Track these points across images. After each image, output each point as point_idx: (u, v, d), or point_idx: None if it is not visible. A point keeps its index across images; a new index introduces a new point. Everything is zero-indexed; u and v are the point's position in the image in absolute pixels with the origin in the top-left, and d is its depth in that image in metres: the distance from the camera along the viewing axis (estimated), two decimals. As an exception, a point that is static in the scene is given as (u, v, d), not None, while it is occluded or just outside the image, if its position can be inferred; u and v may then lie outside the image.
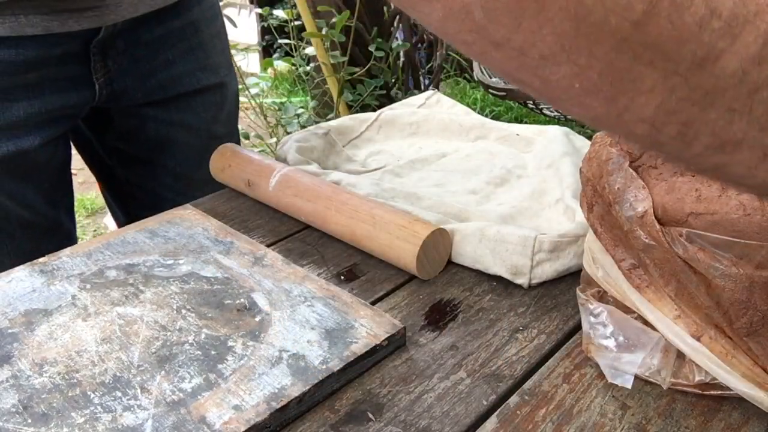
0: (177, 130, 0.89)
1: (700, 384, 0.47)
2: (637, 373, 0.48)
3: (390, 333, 0.51)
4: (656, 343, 0.48)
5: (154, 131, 0.88)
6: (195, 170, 0.91)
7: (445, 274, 0.62)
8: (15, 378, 0.47)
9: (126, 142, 0.89)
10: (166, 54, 0.84)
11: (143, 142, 0.89)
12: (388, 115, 0.92)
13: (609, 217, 0.49)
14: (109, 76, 0.80)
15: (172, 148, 0.90)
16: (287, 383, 0.46)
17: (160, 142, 0.89)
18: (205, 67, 0.88)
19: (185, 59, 0.86)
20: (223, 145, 0.80)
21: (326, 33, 1.80)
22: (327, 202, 0.66)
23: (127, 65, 0.81)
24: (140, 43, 0.81)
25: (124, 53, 0.80)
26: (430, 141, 0.89)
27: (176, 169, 0.91)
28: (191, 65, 0.86)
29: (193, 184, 0.91)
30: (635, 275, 0.48)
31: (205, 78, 0.88)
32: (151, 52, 0.82)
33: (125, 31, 0.78)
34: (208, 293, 0.56)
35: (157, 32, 0.82)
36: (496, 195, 0.75)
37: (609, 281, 0.50)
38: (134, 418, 0.44)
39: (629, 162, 0.47)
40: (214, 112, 0.91)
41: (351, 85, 1.98)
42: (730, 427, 0.45)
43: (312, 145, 0.82)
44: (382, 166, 0.82)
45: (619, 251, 0.49)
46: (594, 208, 0.50)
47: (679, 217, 0.44)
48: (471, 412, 0.46)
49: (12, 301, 0.55)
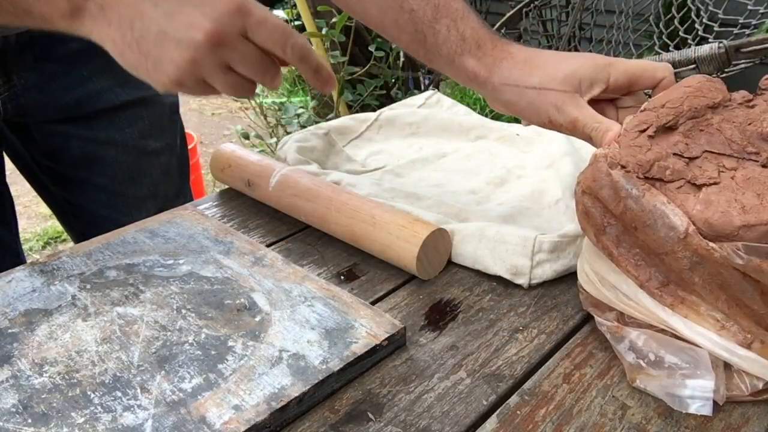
0: (103, 148, 0.86)
1: (754, 392, 0.46)
2: (714, 398, 0.46)
3: (390, 333, 0.51)
4: (706, 361, 0.46)
5: (80, 149, 0.85)
6: (128, 187, 0.89)
7: (445, 274, 0.62)
8: (15, 378, 0.47)
9: (54, 160, 0.87)
10: (81, 70, 0.81)
11: (70, 161, 0.86)
12: (388, 115, 0.92)
13: (629, 239, 0.48)
14: (13, 91, 0.77)
15: (101, 165, 0.87)
16: (287, 383, 0.46)
17: (88, 160, 0.86)
18: (125, 82, 0.84)
19: (102, 75, 0.82)
20: (222, 145, 0.80)
21: (326, 33, 1.80)
22: (327, 202, 0.66)
23: (36, 80, 0.78)
24: (51, 58, 0.78)
25: (33, 68, 0.77)
26: (430, 141, 0.89)
27: (108, 187, 0.88)
28: (109, 81, 0.83)
29: (129, 201, 0.89)
30: (666, 293, 0.47)
31: (124, 93, 0.84)
32: (65, 67, 0.79)
33: (35, 45, 0.76)
34: (208, 293, 0.56)
35: (70, 47, 0.79)
36: (496, 195, 0.75)
37: (628, 302, 0.49)
38: (134, 418, 0.44)
39: (643, 180, 0.46)
40: (140, 127, 0.88)
41: (351, 85, 1.98)
42: (730, 427, 0.45)
43: (312, 145, 0.82)
44: (382, 166, 0.82)
45: (642, 271, 0.48)
46: (607, 231, 0.49)
47: (728, 231, 0.43)
48: (471, 412, 0.46)
49: (12, 301, 0.55)
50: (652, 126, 0.49)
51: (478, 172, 0.79)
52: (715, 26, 1.03)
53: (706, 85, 0.53)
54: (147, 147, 0.89)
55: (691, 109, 0.50)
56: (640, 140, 0.48)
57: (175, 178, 0.94)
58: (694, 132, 0.50)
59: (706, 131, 0.50)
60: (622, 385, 0.49)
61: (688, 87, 0.53)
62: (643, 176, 0.46)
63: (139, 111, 0.87)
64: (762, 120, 0.50)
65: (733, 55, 0.66)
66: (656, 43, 1.10)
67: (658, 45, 1.10)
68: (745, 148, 0.48)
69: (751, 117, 0.51)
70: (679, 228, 0.44)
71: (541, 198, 0.73)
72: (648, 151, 0.47)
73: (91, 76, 0.82)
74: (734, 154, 0.48)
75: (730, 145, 0.49)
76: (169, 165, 0.93)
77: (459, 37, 0.61)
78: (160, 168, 0.91)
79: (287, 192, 0.70)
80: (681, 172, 0.46)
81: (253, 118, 2.37)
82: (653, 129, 0.49)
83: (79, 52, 0.79)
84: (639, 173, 0.46)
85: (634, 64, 0.58)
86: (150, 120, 0.89)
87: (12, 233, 0.87)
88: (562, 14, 1.23)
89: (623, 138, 0.49)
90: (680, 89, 0.52)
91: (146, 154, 0.89)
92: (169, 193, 0.93)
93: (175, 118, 0.94)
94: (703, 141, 0.49)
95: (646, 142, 0.48)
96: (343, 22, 1.70)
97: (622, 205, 0.47)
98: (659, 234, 0.45)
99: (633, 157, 0.47)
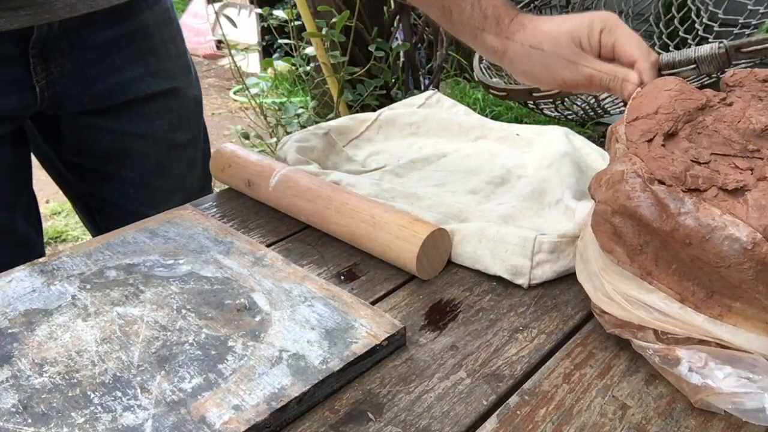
0: (132, 140, 0.87)
1: None
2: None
3: (390, 333, 0.51)
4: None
5: (108, 142, 0.86)
6: (157, 179, 0.89)
7: (445, 274, 0.62)
8: (15, 378, 0.47)
9: (81, 155, 0.87)
10: (114, 58, 0.81)
11: (99, 155, 0.87)
12: (388, 115, 0.92)
13: (668, 255, 0.47)
14: (50, 78, 0.78)
15: (129, 158, 0.88)
16: (287, 383, 0.46)
17: (116, 154, 0.87)
18: (156, 72, 0.85)
19: (134, 64, 0.83)
20: (223, 145, 0.80)
21: (326, 33, 1.80)
22: (327, 202, 0.66)
23: (71, 68, 0.79)
24: (86, 46, 0.79)
25: (69, 56, 0.78)
26: (430, 141, 0.89)
27: (136, 180, 0.89)
28: (141, 70, 0.84)
29: (157, 194, 0.89)
30: (713, 304, 0.46)
31: (155, 84, 0.85)
32: (98, 56, 0.80)
33: (70, 32, 0.76)
34: (208, 293, 0.56)
35: (104, 36, 0.80)
36: (496, 195, 0.75)
37: (665, 319, 0.48)
38: (134, 418, 0.44)
39: (687, 193, 0.45)
40: (170, 119, 0.89)
41: (351, 85, 1.98)
42: (730, 427, 0.45)
43: (312, 145, 0.82)
44: (382, 166, 0.82)
45: (684, 286, 0.47)
46: (644, 250, 0.47)
47: None
48: (471, 412, 0.46)
49: (12, 301, 0.55)
50: (658, 134, 0.48)
51: (478, 172, 0.79)
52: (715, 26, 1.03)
53: (684, 86, 0.53)
54: (175, 139, 0.90)
55: (686, 112, 0.50)
56: (659, 151, 0.47)
57: (200, 172, 0.95)
58: (694, 135, 0.49)
59: (704, 133, 0.49)
60: (622, 385, 0.49)
61: (669, 90, 0.52)
62: (686, 189, 0.45)
63: (169, 103, 0.88)
64: (749, 117, 0.50)
65: (733, 55, 0.66)
66: (656, 43, 1.10)
67: (658, 45, 1.10)
68: (746, 147, 0.48)
69: (737, 115, 0.50)
70: (744, 239, 0.42)
71: (541, 198, 0.73)
72: (674, 161, 0.46)
73: (123, 65, 0.82)
74: (738, 154, 0.48)
75: (732, 145, 0.48)
76: (194, 158, 0.94)
77: (481, 15, 0.66)
78: (186, 161, 0.93)
79: (287, 192, 0.70)
80: (711, 179, 0.45)
81: (253, 118, 2.37)
82: (661, 137, 0.48)
83: (112, 40, 0.81)
84: (679, 186, 0.45)
85: (625, 44, 0.60)
86: (178, 112, 0.90)
87: (37, 233, 0.88)
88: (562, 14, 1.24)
89: (639, 150, 0.48)
90: (663, 93, 0.52)
91: (174, 146, 0.89)
92: (194, 186, 0.94)
93: (200, 111, 0.95)
94: (706, 144, 0.48)
95: (666, 153, 0.47)
96: (343, 22, 1.70)
97: (672, 222, 0.45)
98: (720, 247, 0.43)
99: (665, 170, 0.45)
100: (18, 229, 0.82)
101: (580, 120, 0.93)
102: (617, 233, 0.48)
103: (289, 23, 2.00)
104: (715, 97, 0.53)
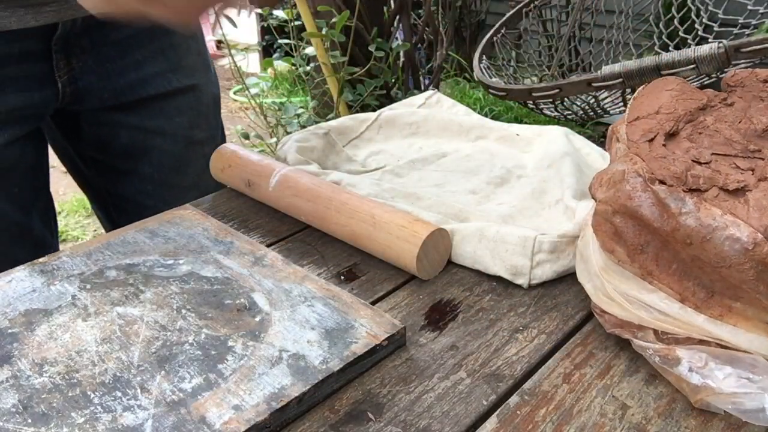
0: (151, 137, 0.87)
1: None
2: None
3: (390, 333, 0.51)
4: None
5: (128, 138, 0.86)
6: (174, 176, 0.90)
7: (445, 274, 0.62)
8: (15, 378, 0.47)
9: (100, 151, 0.88)
10: (135, 54, 0.82)
11: (118, 151, 0.87)
12: (388, 115, 0.92)
13: (668, 255, 0.47)
14: (72, 74, 0.78)
15: (148, 155, 0.88)
16: (287, 383, 0.46)
17: (135, 150, 0.87)
18: (177, 69, 0.86)
19: (155, 60, 0.84)
20: (222, 145, 0.80)
21: (326, 33, 1.80)
22: (327, 202, 0.66)
23: (92, 64, 0.79)
24: (108, 41, 0.79)
25: (90, 51, 0.78)
26: (430, 141, 0.89)
27: (154, 177, 0.89)
28: (162, 66, 0.84)
29: (174, 190, 0.90)
30: (713, 304, 0.46)
31: (176, 80, 0.86)
32: (120, 52, 0.81)
33: (91, 28, 0.77)
34: (208, 293, 0.56)
35: (125, 32, 0.80)
36: (496, 195, 0.75)
37: (665, 319, 0.48)
38: (134, 418, 0.44)
39: (688, 192, 0.45)
40: (189, 116, 0.89)
41: (351, 85, 1.98)
42: (730, 427, 0.45)
43: (312, 145, 0.82)
44: (382, 166, 0.82)
45: (684, 286, 0.47)
46: (645, 250, 0.47)
47: None
48: (471, 412, 0.46)
49: (12, 301, 0.55)
50: (659, 134, 0.48)
51: (478, 172, 0.79)
52: (715, 26, 1.03)
53: (685, 86, 0.52)
54: (194, 137, 0.90)
55: (687, 112, 0.50)
56: (661, 151, 0.47)
57: None
58: (695, 135, 0.49)
59: (705, 133, 0.49)
60: (622, 385, 0.49)
61: (671, 90, 0.52)
62: (687, 189, 0.45)
63: (188, 100, 0.88)
64: (750, 117, 0.50)
65: (733, 55, 0.66)
66: (656, 43, 1.10)
67: (658, 45, 1.10)
68: (747, 147, 0.48)
69: (738, 115, 0.50)
70: (745, 239, 0.42)
71: (541, 198, 0.73)
72: (675, 161, 0.46)
73: (145, 61, 0.83)
74: (739, 154, 0.48)
75: (733, 145, 0.48)
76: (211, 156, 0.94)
77: None
78: (204, 159, 0.93)
79: (287, 192, 0.70)
80: (712, 180, 0.45)
81: (253, 118, 2.37)
82: (662, 137, 0.48)
83: (133, 36, 0.81)
84: (680, 186, 0.45)
85: None
86: (197, 109, 0.90)
87: (52, 235, 0.88)
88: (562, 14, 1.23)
89: (640, 150, 0.47)
90: (664, 93, 0.52)
91: (192, 143, 0.89)
92: (210, 184, 0.94)
93: (218, 109, 0.95)
94: (707, 144, 0.48)
95: (667, 153, 0.47)
96: (343, 22, 1.70)
97: (673, 222, 0.45)
98: (721, 248, 0.43)
99: (666, 170, 0.45)
100: (34, 230, 0.83)
101: (580, 120, 0.93)
102: (618, 233, 0.49)
103: (289, 23, 2.00)
104: (716, 97, 0.53)
